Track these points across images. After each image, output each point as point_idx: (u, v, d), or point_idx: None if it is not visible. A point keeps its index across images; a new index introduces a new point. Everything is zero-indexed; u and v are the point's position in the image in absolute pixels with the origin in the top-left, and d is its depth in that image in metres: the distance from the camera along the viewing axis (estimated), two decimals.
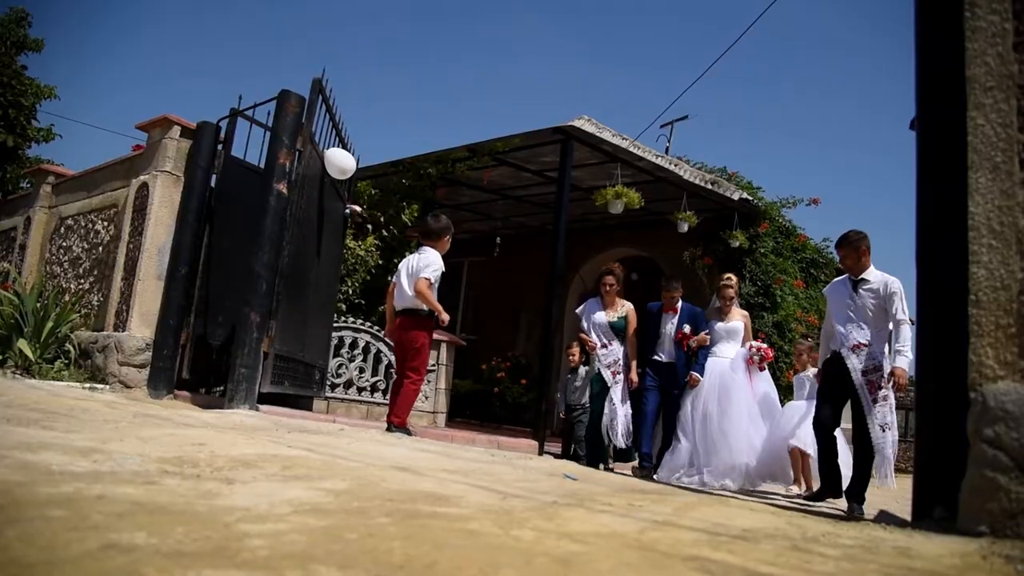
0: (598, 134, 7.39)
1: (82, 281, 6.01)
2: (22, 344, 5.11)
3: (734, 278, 6.16)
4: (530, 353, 10.30)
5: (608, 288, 6.07)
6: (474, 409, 9.99)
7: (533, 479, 2.29)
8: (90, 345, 5.27)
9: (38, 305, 5.41)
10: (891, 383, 4.27)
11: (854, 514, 4.05)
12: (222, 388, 4.97)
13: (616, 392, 5.86)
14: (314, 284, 5.52)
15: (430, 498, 1.61)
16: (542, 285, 7.59)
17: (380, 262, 8.07)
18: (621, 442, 5.76)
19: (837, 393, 4.47)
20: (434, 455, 2.74)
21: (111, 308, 5.28)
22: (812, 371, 5.47)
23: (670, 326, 5.97)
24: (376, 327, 6.92)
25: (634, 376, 5.83)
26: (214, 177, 5.19)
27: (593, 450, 5.78)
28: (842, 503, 4.49)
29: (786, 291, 8.69)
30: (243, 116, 5.20)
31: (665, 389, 5.83)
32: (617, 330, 5.99)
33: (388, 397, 7.36)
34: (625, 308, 6.09)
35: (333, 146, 5.53)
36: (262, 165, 4.95)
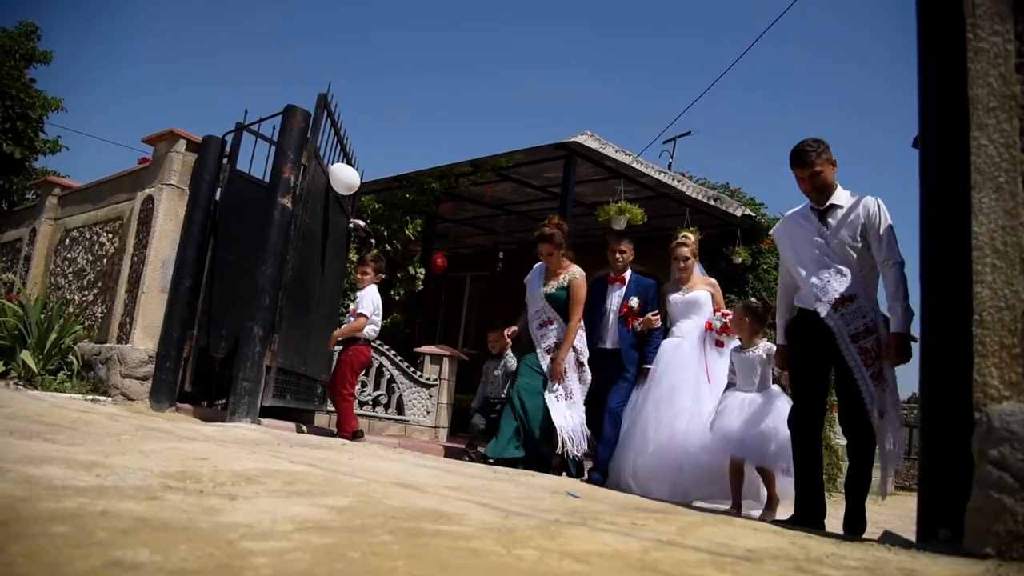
0: (601, 150, 7.43)
1: (86, 293, 6.02)
2: (25, 355, 5.11)
3: (691, 236, 5.00)
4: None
5: (544, 256, 4.81)
6: None
7: (535, 496, 2.28)
8: (93, 357, 5.27)
9: (42, 316, 5.41)
10: (884, 355, 3.14)
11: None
12: (224, 401, 4.97)
13: (567, 387, 4.64)
14: (317, 298, 5.53)
15: (433, 516, 1.61)
16: None
17: (383, 276, 8.08)
18: (570, 449, 4.51)
19: (818, 370, 3.32)
20: (436, 471, 2.73)
21: (115, 320, 5.29)
22: (766, 346, 4.09)
23: (616, 299, 4.82)
24: (379, 341, 6.92)
25: (558, 362, 4.58)
26: (219, 191, 5.21)
27: (534, 458, 4.59)
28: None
29: None
30: (248, 130, 5.23)
31: (607, 384, 4.65)
32: (558, 304, 4.77)
33: (390, 411, 7.36)
34: (568, 276, 4.80)
35: (338, 161, 5.56)
36: (267, 179, 4.97)
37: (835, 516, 3.43)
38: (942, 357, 1.93)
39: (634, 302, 4.67)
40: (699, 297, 4.67)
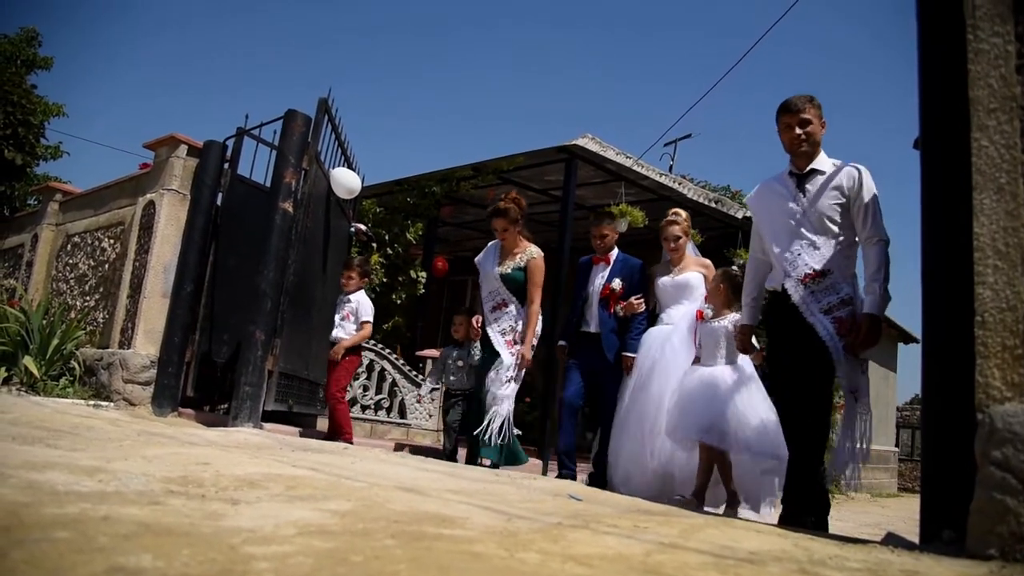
0: (602, 153, 7.43)
1: (88, 298, 6.03)
2: (27, 361, 5.12)
3: (683, 213, 4.55)
4: (534, 372, 10.28)
5: (499, 232, 4.45)
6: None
7: (537, 499, 2.28)
8: (95, 362, 5.27)
9: (44, 322, 5.42)
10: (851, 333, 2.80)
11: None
12: (226, 406, 4.97)
13: (508, 368, 4.24)
14: (319, 302, 5.53)
15: (435, 519, 1.61)
16: (546, 303, 7.60)
17: (385, 280, 8.09)
18: (488, 430, 4.15)
19: (798, 357, 2.93)
20: (438, 475, 2.73)
21: (116, 325, 5.30)
22: (734, 318, 3.70)
23: (599, 282, 4.48)
24: (380, 345, 6.92)
25: (526, 352, 4.26)
26: (220, 195, 5.22)
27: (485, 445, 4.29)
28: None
29: None
30: (249, 135, 5.24)
31: (591, 369, 4.33)
32: (515, 286, 4.40)
33: (392, 415, 7.36)
34: (526, 256, 4.43)
35: (339, 165, 5.57)
36: (268, 184, 4.98)
37: (837, 517, 3.42)
38: (944, 358, 1.92)
39: (616, 284, 4.32)
40: (691, 279, 4.22)
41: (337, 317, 5.24)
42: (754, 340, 3.60)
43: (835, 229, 2.90)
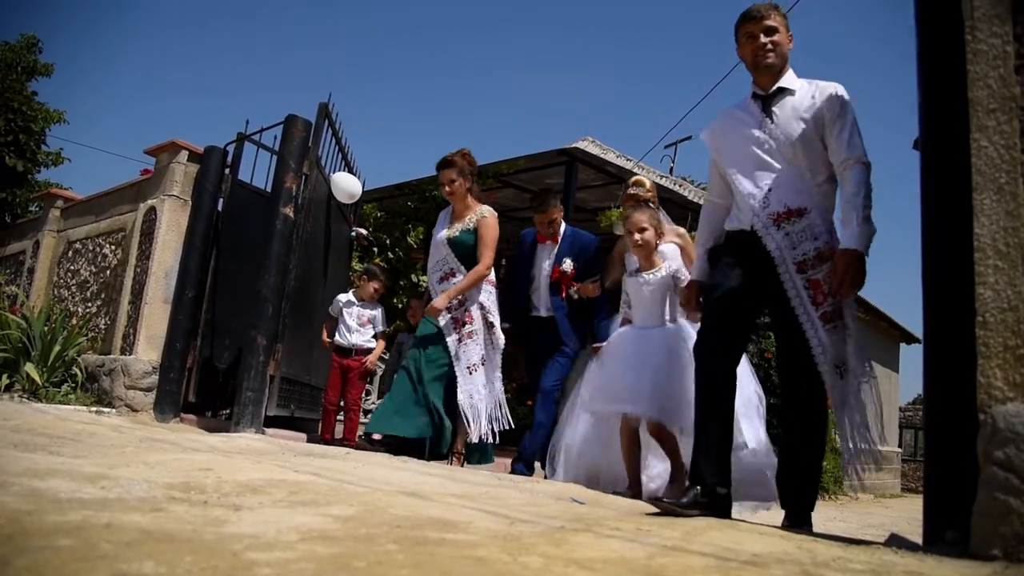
0: (602, 156, 7.44)
1: (89, 304, 6.04)
2: (29, 368, 5.12)
3: (646, 181, 3.80)
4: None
5: (446, 183, 4.02)
6: None
7: (540, 503, 2.27)
8: (97, 368, 5.28)
9: (45, 329, 5.43)
10: (828, 281, 2.32)
11: None
12: (228, 411, 4.97)
13: (470, 350, 3.83)
14: (320, 307, 5.53)
15: (438, 524, 1.61)
16: None
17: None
18: (474, 432, 3.76)
19: (743, 303, 2.44)
20: (440, 479, 2.73)
21: (118, 331, 5.30)
22: (672, 267, 3.21)
23: (546, 264, 4.03)
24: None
25: (440, 300, 3.80)
26: (221, 201, 5.23)
27: (437, 441, 3.86)
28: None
29: None
30: (250, 140, 5.25)
31: (541, 354, 3.94)
32: (463, 250, 3.96)
33: None
34: (476, 216, 4.00)
35: (339, 169, 5.58)
36: (269, 189, 4.99)
37: (841, 519, 3.40)
38: (946, 359, 1.92)
39: (567, 266, 3.86)
40: (665, 252, 3.42)
41: (352, 322, 5.07)
42: None
43: (810, 159, 2.44)
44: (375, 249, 8.05)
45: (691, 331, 3.04)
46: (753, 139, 2.51)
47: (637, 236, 3.21)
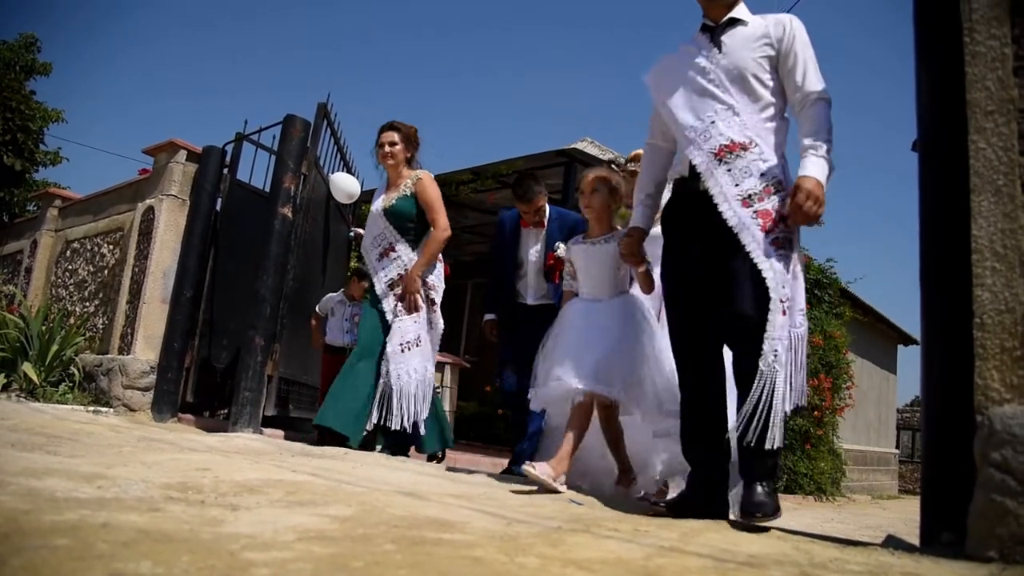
0: (601, 156, 7.44)
1: (87, 304, 6.03)
2: (27, 367, 5.12)
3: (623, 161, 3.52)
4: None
5: (386, 147, 3.77)
6: (478, 431, 9.96)
7: (538, 503, 2.27)
8: (94, 368, 5.27)
9: (43, 328, 5.42)
10: (785, 212, 2.13)
11: (756, 513, 2.00)
12: (226, 411, 4.97)
13: (406, 326, 3.54)
14: None
15: (435, 524, 1.61)
16: None
17: None
18: (396, 419, 3.44)
19: (702, 273, 2.23)
20: (438, 479, 2.73)
21: (116, 331, 5.30)
22: (622, 233, 2.71)
23: (534, 251, 3.77)
24: None
25: (411, 278, 3.55)
26: (219, 201, 5.22)
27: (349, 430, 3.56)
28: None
29: None
30: (248, 140, 5.25)
31: (530, 345, 3.24)
32: (402, 220, 3.68)
33: None
34: (411, 179, 3.73)
35: (338, 169, 5.58)
36: (267, 189, 4.99)
37: (835, 519, 3.41)
38: (943, 360, 1.92)
39: (560, 251, 3.57)
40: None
41: (344, 321, 5.17)
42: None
43: (760, 91, 2.23)
44: None
45: (646, 301, 2.88)
46: (698, 69, 2.27)
47: (587, 198, 2.90)
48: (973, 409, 1.66)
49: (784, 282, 2.09)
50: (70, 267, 6.51)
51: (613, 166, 3.00)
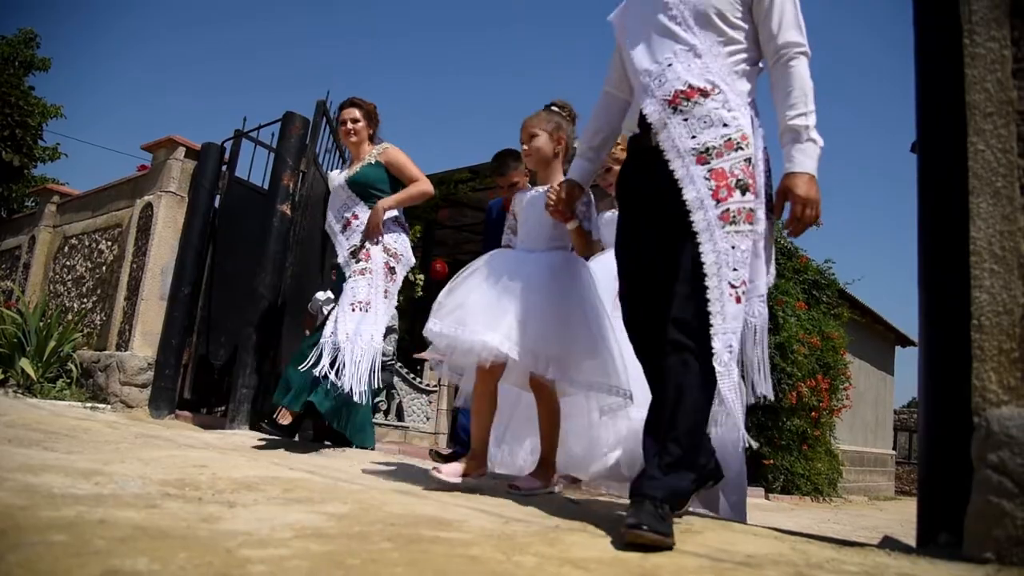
0: None
1: (85, 300, 6.02)
2: (24, 363, 5.11)
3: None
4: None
5: (348, 124, 3.66)
6: None
7: (535, 502, 2.27)
8: (92, 364, 5.27)
9: (41, 324, 5.41)
10: (770, 208, 1.88)
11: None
12: (224, 408, 4.97)
13: (358, 287, 3.33)
14: None
15: (432, 522, 1.61)
16: None
17: None
18: (346, 379, 3.08)
19: (657, 257, 1.89)
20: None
21: (114, 327, 5.29)
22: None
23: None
24: None
25: (377, 212, 3.40)
26: (218, 198, 5.22)
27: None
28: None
29: (788, 313, 8.69)
30: (247, 137, 5.24)
31: None
32: (365, 188, 3.54)
33: (390, 418, 7.34)
34: (377, 151, 3.61)
35: (337, 167, 5.57)
36: (266, 186, 4.98)
37: (832, 520, 3.41)
38: (941, 362, 1.92)
39: None
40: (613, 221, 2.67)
41: None
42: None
43: (731, 32, 1.90)
44: None
45: (587, 261, 2.50)
46: (661, 5, 1.93)
47: (527, 145, 2.52)
48: (970, 411, 1.66)
49: (737, 263, 1.76)
50: (68, 263, 6.50)
51: (554, 107, 2.61)
